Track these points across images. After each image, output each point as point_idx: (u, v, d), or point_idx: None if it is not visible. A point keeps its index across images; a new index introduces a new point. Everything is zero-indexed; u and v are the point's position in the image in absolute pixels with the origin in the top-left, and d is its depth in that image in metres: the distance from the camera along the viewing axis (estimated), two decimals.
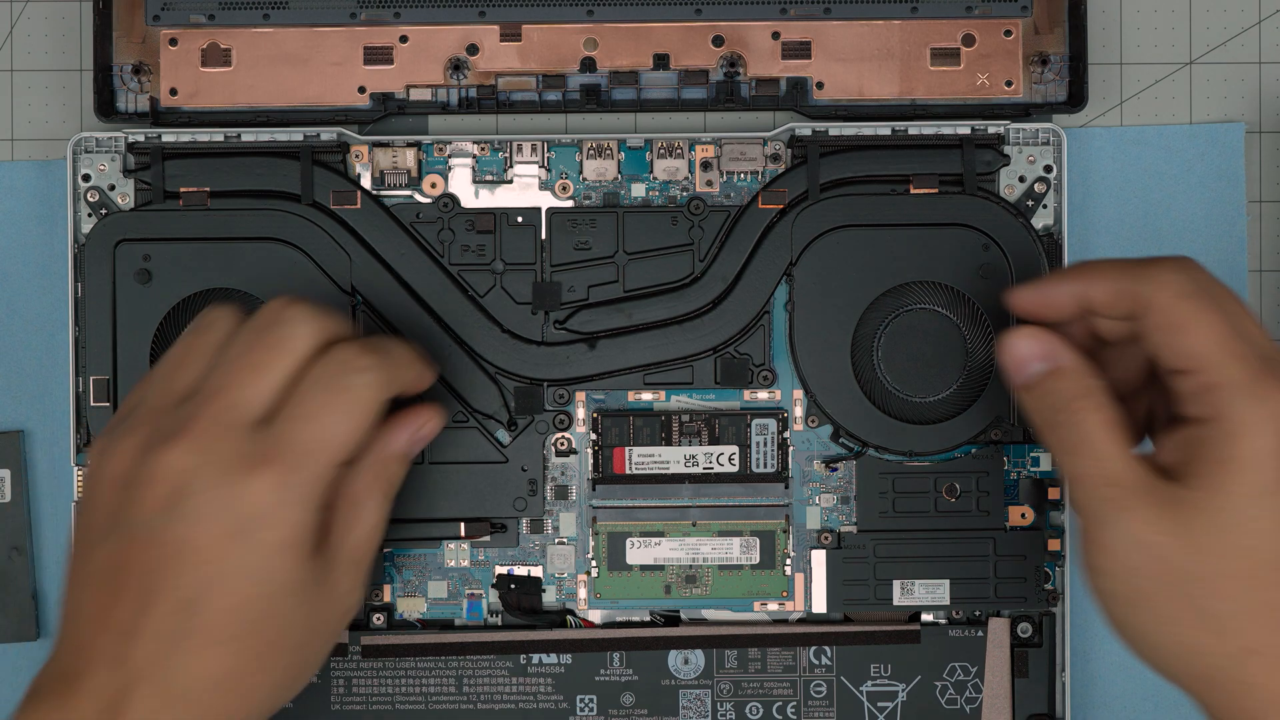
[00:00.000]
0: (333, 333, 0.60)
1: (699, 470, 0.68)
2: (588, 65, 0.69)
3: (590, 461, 0.69)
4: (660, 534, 0.69)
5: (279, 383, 0.58)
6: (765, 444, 0.68)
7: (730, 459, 0.68)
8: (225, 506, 0.57)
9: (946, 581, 0.68)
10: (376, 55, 0.69)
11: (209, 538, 0.57)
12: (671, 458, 0.68)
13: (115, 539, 0.57)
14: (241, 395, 0.58)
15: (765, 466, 0.68)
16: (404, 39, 0.69)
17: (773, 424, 0.69)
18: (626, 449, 0.68)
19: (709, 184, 0.69)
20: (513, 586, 0.69)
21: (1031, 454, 0.69)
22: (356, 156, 0.69)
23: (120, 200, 0.68)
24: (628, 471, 0.68)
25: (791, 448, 0.69)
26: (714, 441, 0.68)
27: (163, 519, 0.57)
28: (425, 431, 0.62)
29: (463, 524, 0.68)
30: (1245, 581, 0.54)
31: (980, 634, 0.68)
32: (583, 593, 0.69)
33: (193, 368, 0.60)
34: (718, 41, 0.69)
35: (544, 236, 0.69)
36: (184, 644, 0.56)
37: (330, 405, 0.58)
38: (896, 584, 0.69)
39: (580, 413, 0.69)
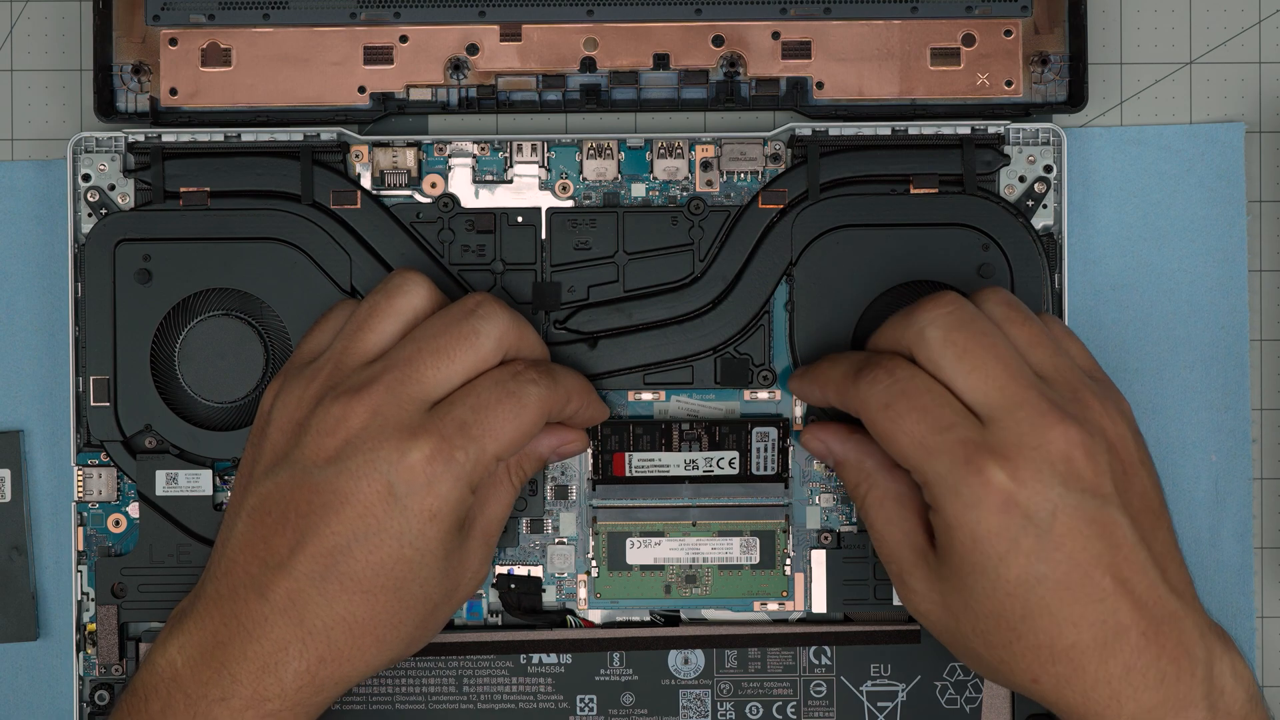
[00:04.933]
0: (517, 341, 0.63)
1: (699, 473, 0.68)
2: (588, 65, 0.69)
3: (590, 465, 0.69)
4: (660, 534, 0.69)
5: (460, 374, 0.62)
6: (766, 449, 0.68)
7: (730, 463, 0.68)
8: (385, 469, 0.60)
9: None
10: (376, 55, 0.69)
11: (366, 495, 0.60)
12: (671, 462, 0.68)
13: (281, 477, 0.61)
14: (423, 374, 0.61)
15: (765, 470, 0.68)
16: (404, 39, 0.69)
17: (774, 431, 0.68)
18: (627, 454, 0.68)
19: (709, 184, 0.69)
20: (513, 586, 0.69)
21: None
22: (356, 156, 0.69)
23: (120, 200, 0.69)
24: (628, 474, 0.68)
25: (792, 447, 0.69)
26: (714, 447, 0.68)
27: (328, 469, 0.61)
28: (569, 448, 0.66)
29: None
30: (999, 635, 0.60)
31: None
32: (583, 593, 0.69)
33: (379, 331, 0.63)
34: (718, 41, 0.69)
35: (544, 236, 0.69)
36: (325, 587, 0.60)
37: (501, 405, 0.62)
38: None
39: None
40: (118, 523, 0.69)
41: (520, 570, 0.69)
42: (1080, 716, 0.61)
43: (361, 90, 0.69)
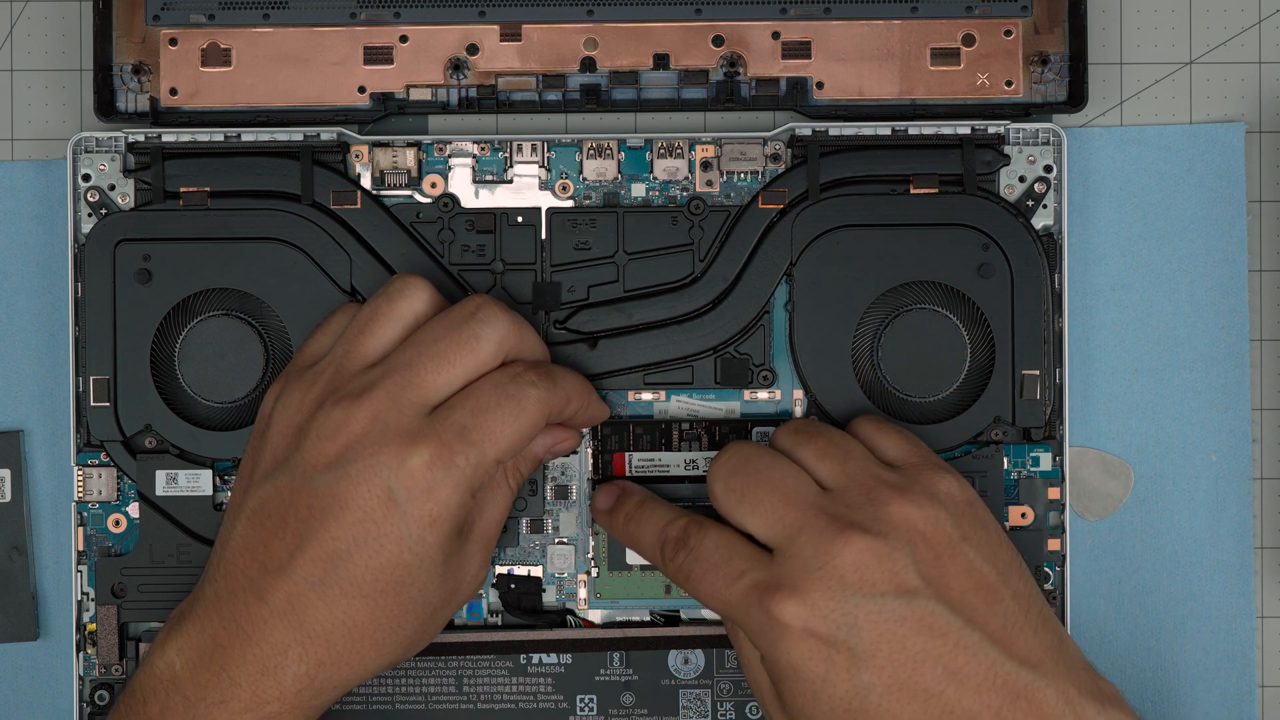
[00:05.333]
0: (517, 344, 0.63)
1: (699, 473, 0.68)
2: (588, 65, 0.69)
3: (590, 465, 0.69)
4: None
5: (460, 378, 0.62)
6: None
7: None
8: (385, 475, 0.60)
9: None
10: (376, 55, 0.69)
11: (366, 500, 0.60)
12: (672, 462, 0.68)
13: (281, 481, 0.61)
14: (424, 379, 0.61)
15: None
16: (404, 39, 0.69)
17: (773, 431, 0.68)
18: (627, 454, 0.68)
19: (709, 184, 0.69)
20: (513, 586, 0.69)
21: (1031, 454, 0.69)
22: (356, 156, 0.69)
23: (120, 200, 0.68)
24: (627, 474, 0.68)
25: None
26: (714, 447, 0.68)
27: (328, 474, 0.61)
28: (562, 446, 0.66)
29: None
30: None
31: None
32: (583, 593, 0.69)
33: (380, 335, 0.63)
34: (718, 41, 0.69)
35: (544, 236, 0.69)
36: (325, 591, 0.60)
37: (501, 408, 0.62)
38: None
39: None
40: (118, 523, 0.69)
41: (520, 570, 0.69)
42: None
43: (361, 90, 0.69)
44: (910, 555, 0.60)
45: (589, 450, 0.69)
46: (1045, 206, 0.69)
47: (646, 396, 0.69)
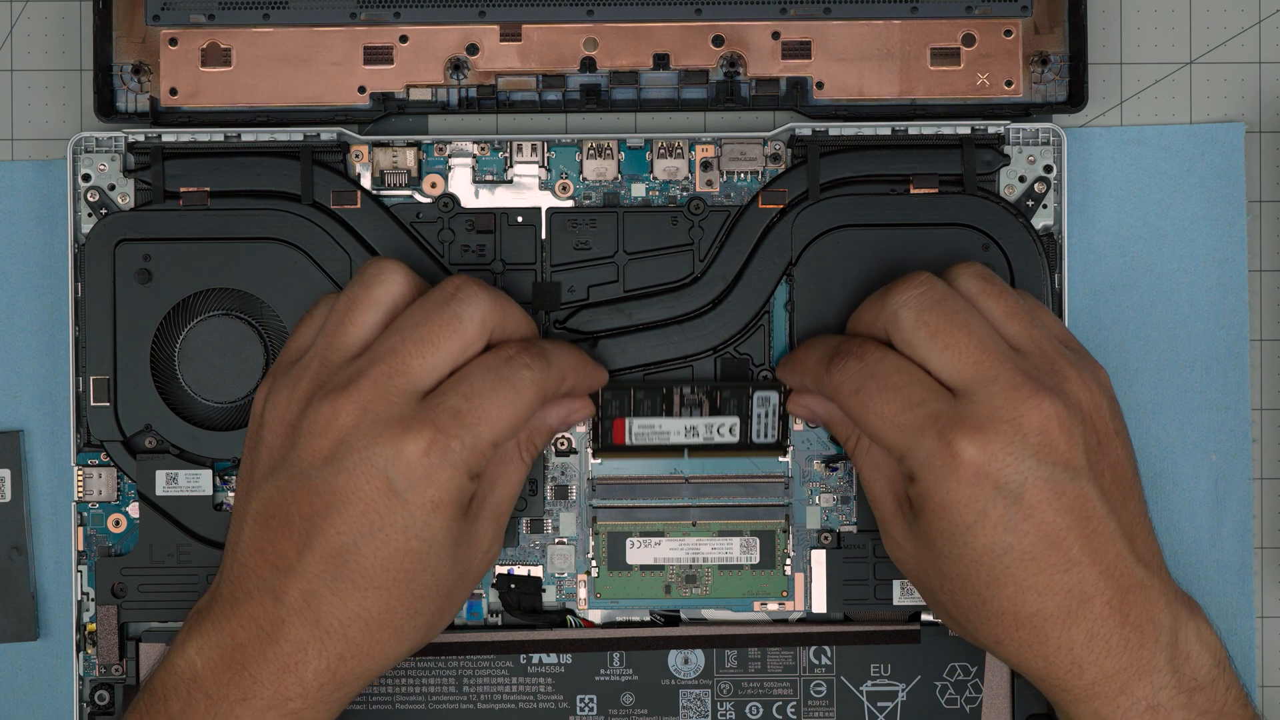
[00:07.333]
0: (501, 320, 0.63)
1: (699, 441, 0.68)
2: (588, 65, 0.69)
3: (590, 432, 0.69)
4: (660, 534, 0.69)
5: (446, 361, 0.62)
6: (766, 415, 0.68)
7: (731, 430, 0.68)
8: (382, 465, 0.60)
9: None
10: (376, 55, 0.69)
11: (365, 493, 0.60)
12: (672, 429, 0.68)
13: (280, 481, 0.61)
14: (409, 365, 0.61)
15: (765, 437, 0.68)
16: (404, 39, 0.69)
17: (774, 396, 0.68)
18: (627, 420, 0.68)
19: (709, 184, 0.69)
20: (513, 586, 0.69)
21: None
22: (356, 156, 0.69)
23: (120, 200, 0.69)
24: (627, 443, 0.68)
25: (794, 424, 0.69)
26: (715, 412, 0.68)
27: (325, 470, 0.60)
28: (576, 416, 0.66)
29: None
30: (966, 598, 0.62)
31: None
32: (583, 593, 0.69)
33: (361, 323, 0.63)
34: (718, 41, 0.69)
35: (544, 236, 0.69)
36: (338, 586, 0.60)
37: (496, 392, 0.61)
38: (896, 584, 0.69)
39: None
40: (118, 523, 0.69)
41: (520, 570, 0.69)
42: (1042, 680, 0.62)
43: (361, 90, 0.69)
44: (1083, 433, 0.61)
45: (590, 424, 0.69)
46: (1045, 206, 0.69)
47: None
